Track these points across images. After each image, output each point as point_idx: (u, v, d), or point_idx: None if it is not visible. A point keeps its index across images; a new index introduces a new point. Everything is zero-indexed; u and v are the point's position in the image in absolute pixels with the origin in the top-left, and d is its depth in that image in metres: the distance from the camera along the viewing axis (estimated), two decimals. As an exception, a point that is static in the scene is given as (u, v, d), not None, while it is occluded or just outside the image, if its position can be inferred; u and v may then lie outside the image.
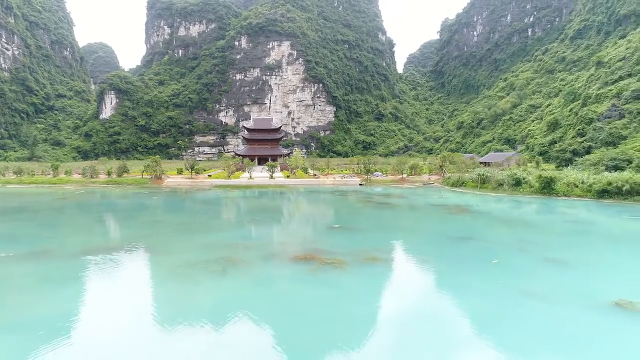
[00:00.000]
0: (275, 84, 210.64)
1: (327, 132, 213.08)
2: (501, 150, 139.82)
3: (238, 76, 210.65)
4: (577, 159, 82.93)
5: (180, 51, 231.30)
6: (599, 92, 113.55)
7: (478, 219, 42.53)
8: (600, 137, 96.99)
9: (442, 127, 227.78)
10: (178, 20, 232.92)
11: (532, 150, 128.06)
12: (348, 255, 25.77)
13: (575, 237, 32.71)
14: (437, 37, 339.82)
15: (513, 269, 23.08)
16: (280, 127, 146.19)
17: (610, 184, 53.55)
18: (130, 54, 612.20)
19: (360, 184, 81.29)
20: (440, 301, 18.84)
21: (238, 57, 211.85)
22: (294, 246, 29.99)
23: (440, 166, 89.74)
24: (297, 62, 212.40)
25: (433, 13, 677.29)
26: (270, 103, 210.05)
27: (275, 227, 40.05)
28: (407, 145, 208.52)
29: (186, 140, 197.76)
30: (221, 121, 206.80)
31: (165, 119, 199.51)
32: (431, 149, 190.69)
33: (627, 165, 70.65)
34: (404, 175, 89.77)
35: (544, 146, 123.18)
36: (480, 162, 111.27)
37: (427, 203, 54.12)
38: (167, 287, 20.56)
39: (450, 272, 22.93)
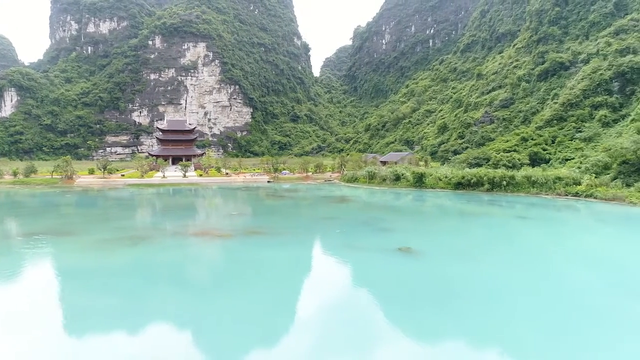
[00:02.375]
0: (191, 84, 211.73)
1: (244, 133, 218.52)
2: (401, 151, 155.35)
3: (152, 76, 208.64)
4: (452, 157, 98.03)
5: (89, 48, 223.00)
6: (477, 100, 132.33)
7: (351, 205, 52.60)
8: (475, 139, 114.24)
9: (354, 128, 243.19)
10: (87, 16, 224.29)
11: (426, 151, 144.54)
12: (236, 231, 33.80)
13: (413, 215, 43.66)
14: (351, 42, 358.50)
15: (350, 235, 32.56)
16: (195, 128, 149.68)
17: (463, 177, 66.93)
18: (30, 47, 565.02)
19: (268, 182, 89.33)
20: (291, 252, 27.58)
21: (152, 56, 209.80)
22: (195, 227, 37.41)
23: (340, 165, 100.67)
24: (213, 64, 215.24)
25: (348, 18, 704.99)
26: (186, 104, 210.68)
27: (182, 215, 46.78)
28: (321, 145, 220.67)
29: (97, 140, 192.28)
30: (135, 121, 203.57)
31: (74, 118, 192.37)
32: (342, 149, 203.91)
33: (486, 162, 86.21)
34: (309, 173, 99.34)
35: (434, 147, 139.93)
36: (381, 161, 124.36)
37: (319, 195, 63.65)
38: (88, 253, 27.06)
39: (305, 237, 31.93)
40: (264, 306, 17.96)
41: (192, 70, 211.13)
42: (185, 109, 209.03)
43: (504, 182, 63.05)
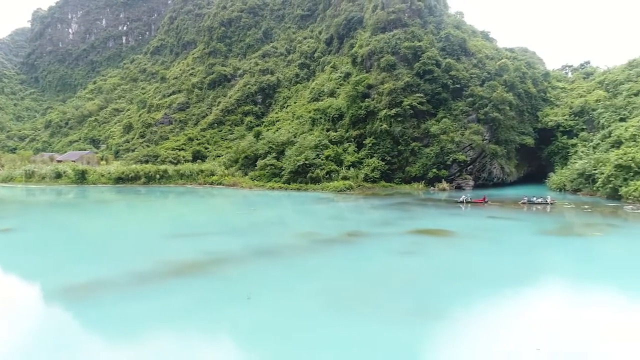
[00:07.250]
0: None
1: None
2: (85, 149, 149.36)
3: None
4: (125, 154, 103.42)
5: None
6: (159, 102, 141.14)
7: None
8: (154, 139, 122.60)
9: (32, 125, 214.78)
10: None
11: (111, 149, 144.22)
12: None
13: (42, 207, 47.83)
14: (29, 25, 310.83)
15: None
16: None
17: (123, 173, 73.83)
18: None
19: None
20: None
21: None
22: None
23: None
24: None
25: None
26: None
27: None
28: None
29: None
30: None
31: None
32: (15, 148, 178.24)
33: (155, 159, 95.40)
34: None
35: (119, 146, 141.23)
36: (58, 160, 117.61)
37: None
38: None
39: None
40: None
41: None
42: None
43: (158, 176, 73.38)
